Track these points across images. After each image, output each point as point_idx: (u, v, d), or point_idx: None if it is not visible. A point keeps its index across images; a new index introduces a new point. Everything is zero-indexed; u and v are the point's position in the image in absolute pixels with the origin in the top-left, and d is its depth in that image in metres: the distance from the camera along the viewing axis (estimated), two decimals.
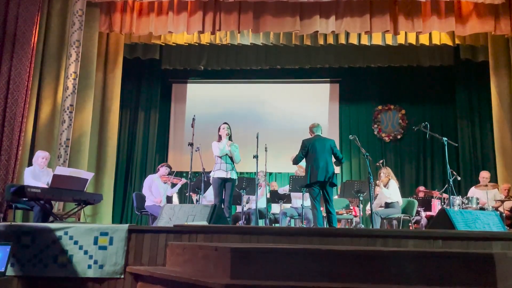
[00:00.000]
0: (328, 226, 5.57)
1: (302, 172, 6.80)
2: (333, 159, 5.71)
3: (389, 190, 6.56)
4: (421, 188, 8.22)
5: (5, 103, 6.60)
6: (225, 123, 6.05)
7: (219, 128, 6.03)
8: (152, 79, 10.25)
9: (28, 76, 6.76)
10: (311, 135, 5.83)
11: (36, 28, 6.93)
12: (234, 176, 5.94)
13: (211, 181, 6.04)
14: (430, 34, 8.08)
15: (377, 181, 6.69)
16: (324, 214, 5.82)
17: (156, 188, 6.64)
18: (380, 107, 10.09)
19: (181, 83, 10.59)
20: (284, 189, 7.28)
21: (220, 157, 5.86)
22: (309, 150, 5.61)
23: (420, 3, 7.36)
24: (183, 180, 6.83)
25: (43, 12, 7.12)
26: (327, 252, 2.95)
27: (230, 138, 5.99)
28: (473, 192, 7.27)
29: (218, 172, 5.83)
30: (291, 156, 6.09)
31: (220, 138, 5.98)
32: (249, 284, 2.69)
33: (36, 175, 5.69)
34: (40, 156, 5.84)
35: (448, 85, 9.81)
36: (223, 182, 5.84)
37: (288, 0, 7.24)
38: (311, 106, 10.11)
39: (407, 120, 9.92)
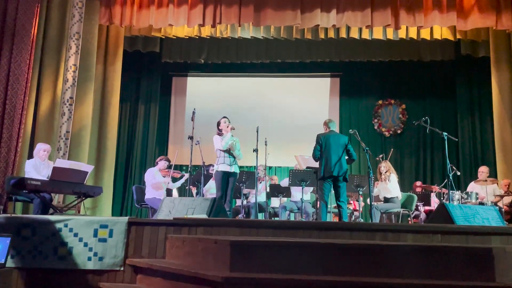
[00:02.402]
0: (338, 220, 5.59)
1: (301, 166, 6.80)
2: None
3: (391, 184, 6.57)
4: (418, 183, 8.22)
5: (5, 95, 6.59)
6: (225, 117, 6.04)
7: (219, 122, 6.02)
8: (152, 72, 10.22)
9: (28, 68, 6.74)
10: (325, 130, 5.82)
11: (35, 20, 6.90)
12: (237, 170, 5.97)
13: (214, 175, 6.04)
14: (431, 28, 8.05)
15: (379, 175, 6.69)
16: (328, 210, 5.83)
17: (157, 181, 6.65)
18: (380, 102, 10.07)
19: (181, 76, 10.56)
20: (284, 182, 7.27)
21: (224, 151, 5.86)
22: (324, 144, 5.61)
23: None
24: (186, 175, 6.82)
25: (42, 4, 7.09)
26: (326, 245, 2.96)
27: None
28: (472, 187, 7.28)
29: (222, 166, 5.83)
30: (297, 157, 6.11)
31: (220, 132, 5.97)
32: (248, 276, 2.70)
33: (37, 167, 5.69)
34: (42, 148, 5.84)
35: (448, 80, 9.79)
36: (226, 176, 5.85)
37: None
38: (311, 100, 10.09)
39: (407, 114, 9.90)
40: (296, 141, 9.51)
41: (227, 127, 5.90)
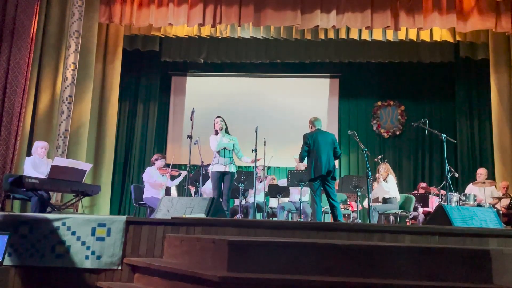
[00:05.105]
0: (333, 220, 5.57)
1: (300, 167, 6.80)
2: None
3: (388, 184, 6.58)
4: (423, 184, 8.23)
5: (4, 93, 6.57)
6: (219, 116, 6.03)
7: (214, 123, 6.02)
8: (152, 71, 10.21)
9: (27, 66, 6.73)
10: (311, 129, 5.74)
11: (35, 18, 6.89)
12: (233, 170, 5.92)
13: (210, 175, 6.04)
14: (431, 30, 8.08)
15: (377, 175, 6.71)
16: (323, 209, 5.82)
17: (156, 182, 6.64)
18: (379, 103, 10.08)
19: (180, 75, 10.56)
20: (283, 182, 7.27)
21: (218, 151, 5.86)
22: (312, 144, 5.53)
23: None
24: (184, 173, 6.82)
25: (42, 1, 7.07)
26: (324, 246, 2.96)
27: (226, 131, 5.98)
28: (470, 189, 7.29)
29: (217, 166, 5.82)
30: (296, 159, 6.05)
31: (216, 132, 5.97)
32: (246, 276, 2.70)
33: (36, 165, 5.67)
34: (39, 146, 5.83)
35: (448, 82, 9.81)
36: (221, 175, 5.83)
37: None
38: (310, 100, 10.09)
39: (406, 116, 9.91)
40: (294, 142, 9.43)
41: (218, 127, 5.90)
